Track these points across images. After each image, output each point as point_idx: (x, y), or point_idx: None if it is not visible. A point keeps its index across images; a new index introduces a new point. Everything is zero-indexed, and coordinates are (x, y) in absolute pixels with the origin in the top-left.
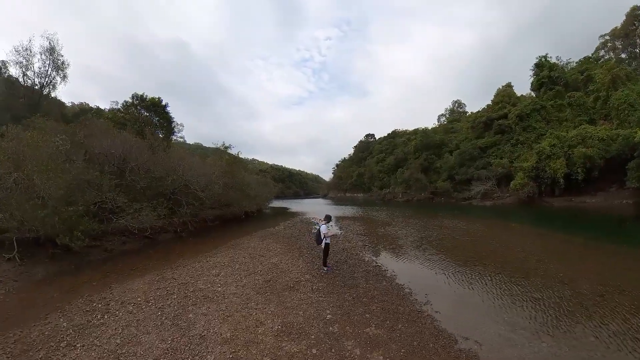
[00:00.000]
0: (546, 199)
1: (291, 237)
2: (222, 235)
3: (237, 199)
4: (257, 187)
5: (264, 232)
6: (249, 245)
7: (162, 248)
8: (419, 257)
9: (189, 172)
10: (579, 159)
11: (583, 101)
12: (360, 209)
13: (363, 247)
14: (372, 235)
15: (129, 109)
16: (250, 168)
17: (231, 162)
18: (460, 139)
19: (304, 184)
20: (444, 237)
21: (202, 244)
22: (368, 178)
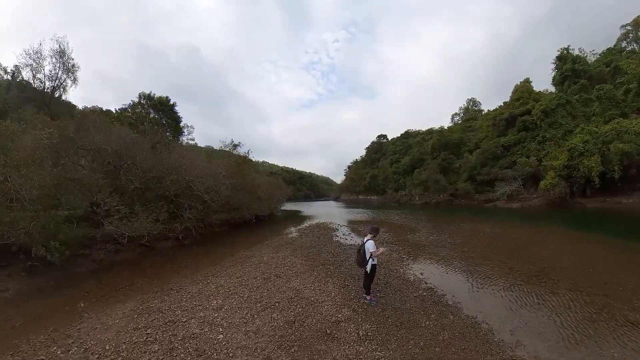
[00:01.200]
0: (578, 199)
1: (310, 247)
2: (230, 243)
3: (247, 202)
4: (268, 189)
5: (278, 240)
6: (260, 258)
7: (158, 259)
8: (471, 272)
9: (192, 172)
10: (615, 156)
11: (613, 94)
12: (377, 213)
13: (400, 260)
14: (403, 243)
15: (135, 108)
16: (261, 170)
17: (240, 162)
18: (480, 138)
19: (315, 186)
20: (486, 245)
21: (205, 255)
22: (382, 180)
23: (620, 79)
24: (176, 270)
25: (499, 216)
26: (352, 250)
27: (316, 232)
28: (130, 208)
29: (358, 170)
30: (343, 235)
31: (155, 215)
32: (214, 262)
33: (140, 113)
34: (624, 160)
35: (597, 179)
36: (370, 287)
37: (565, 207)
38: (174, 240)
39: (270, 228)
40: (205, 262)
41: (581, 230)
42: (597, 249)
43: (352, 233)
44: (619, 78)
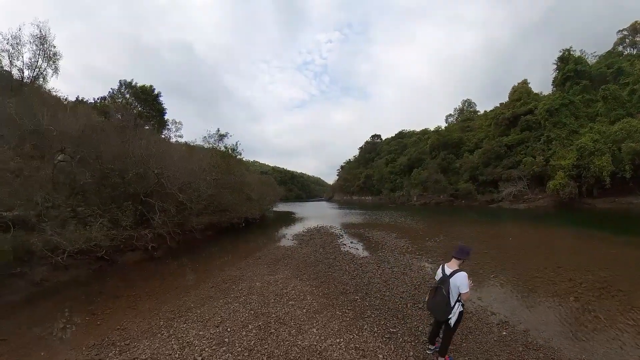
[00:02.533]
0: (586, 200)
1: (317, 262)
2: (212, 256)
3: (235, 203)
4: (260, 188)
5: (273, 250)
6: (252, 284)
7: (114, 281)
8: (532, 290)
9: (165, 164)
10: (627, 155)
11: (618, 94)
12: (377, 214)
13: None
14: (429, 253)
15: (116, 97)
16: (252, 170)
17: (227, 155)
18: (480, 137)
19: (307, 186)
20: (521, 255)
21: (176, 275)
22: (377, 180)
23: (624, 80)
24: (133, 302)
25: (511, 218)
26: (372, 267)
27: (318, 240)
28: (73, 211)
29: (352, 170)
30: (351, 244)
31: (112, 219)
32: (186, 290)
33: (120, 103)
34: (635, 160)
35: (608, 179)
36: (449, 346)
37: (573, 208)
38: (143, 252)
39: (262, 233)
40: (175, 288)
41: (611, 232)
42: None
43: (362, 241)
44: (622, 79)
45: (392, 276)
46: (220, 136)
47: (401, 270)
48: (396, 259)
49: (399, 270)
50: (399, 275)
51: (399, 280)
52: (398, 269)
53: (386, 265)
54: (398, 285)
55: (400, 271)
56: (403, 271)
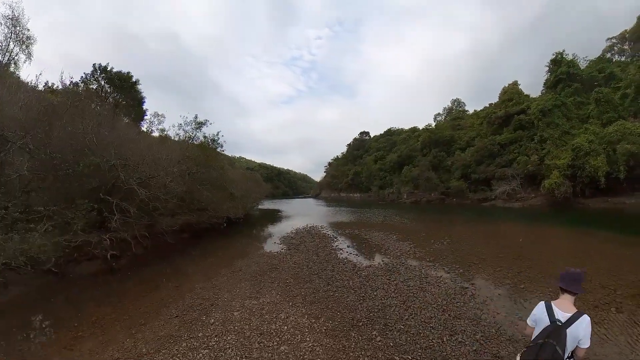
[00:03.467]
0: (580, 200)
1: (312, 275)
2: (183, 267)
3: (215, 201)
4: (244, 184)
5: (258, 257)
6: (228, 312)
7: (59, 305)
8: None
9: (124, 153)
10: (622, 156)
11: (611, 97)
12: (368, 212)
13: (482, 302)
14: (437, 258)
15: (89, 83)
16: (238, 166)
17: (204, 147)
18: (472, 136)
19: (293, 183)
20: (540, 258)
21: (135, 294)
22: (366, 177)
23: (617, 84)
24: (73, 340)
25: (509, 217)
26: (381, 280)
27: (310, 243)
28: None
29: (339, 167)
30: (349, 248)
31: (64, 222)
32: (142, 319)
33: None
34: (629, 161)
35: (603, 179)
36: None
37: (567, 207)
38: (103, 261)
39: (246, 235)
40: (129, 317)
41: (617, 232)
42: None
43: (360, 245)
44: (613, 84)
45: (409, 293)
46: (199, 124)
47: (417, 283)
48: (407, 267)
49: (415, 284)
50: (417, 292)
51: (419, 299)
52: (413, 282)
53: (397, 278)
54: (421, 308)
55: (417, 285)
56: (420, 285)
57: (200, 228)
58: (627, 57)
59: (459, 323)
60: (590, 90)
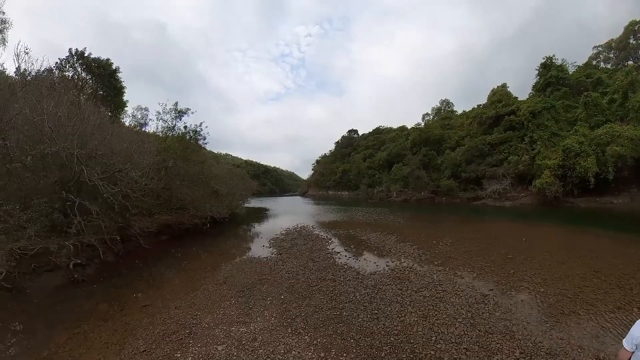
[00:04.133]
0: (569, 199)
1: (311, 288)
2: (157, 279)
3: (197, 199)
4: (230, 181)
5: (245, 264)
6: (210, 347)
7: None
8: (595, 307)
9: (91, 142)
10: (611, 158)
11: (599, 102)
12: (360, 211)
13: (508, 311)
14: (446, 261)
15: (63, 70)
16: (223, 163)
17: (182, 139)
18: (461, 135)
19: (280, 181)
20: (550, 259)
21: (96, 317)
22: (355, 175)
23: (605, 90)
24: None
25: (504, 215)
26: (392, 291)
27: (302, 246)
28: None
29: (327, 164)
30: (346, 251)
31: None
32: (98, 355)
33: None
34: (618, 163)
35: (592, 179)
36: None
37: (558, 206)
38: (66, 272)
39: (231, 237)
40: (87, 346)
41: (616, 230)
42: None
43: (358, 247)
44: (601, 89)
45: (428, 306)
46: (179, 113)
47: (433, 293)
48: (416, 273)
49: (431, 293)
50: (436, 304)
51: (441, 312)
52: (428, 291)
53: (410, 287)
54: (447, 324)
55: (433, 295)
56: (437, 295)
57: (181, 229)
58: (612, 65)
59: (493, 340)
60: (578, 95)
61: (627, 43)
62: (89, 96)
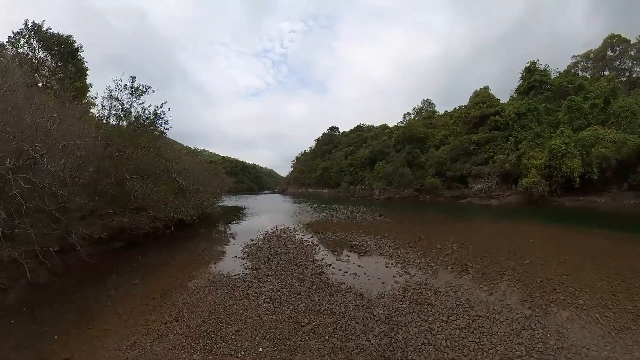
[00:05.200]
0: (554, 198)
1: (300, 324)
2: (95, 308)
3: (156, 198)
4: (201, 177)
5: (209, 286)
6: None
7: None
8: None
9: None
10: (595, 159)
11: (581, 106)
12: (344, 210)
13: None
14: (465, 271)
15: (16, 45)
16: (201, 159)
17: (132, 122)
18: (445, 134)
19: (259, 178)
20: (563, 261)
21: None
22: (335, 172)
23: (586, 95)
24: None
25: (497, 215)
26: (416, 327)
27: (284, 256)
28: None
29: (308, 161)
30: (339, 262)
31: None
32: None
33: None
34: (602, 164)
35: (578, 179)
36: None
37: (543, 205)
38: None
39: (197, 244)
40: None
41: (610, 229)
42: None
43: (352, 254)
44: (582, 94)
45: (473, 345)
46: (138, 91)
47: (468, 322)
48: (435, 292)
49: (465, 322)
50: (480, 339)
51: (492, 352)
52: (461, 319)
53: (434, 314)
54: None
55: (470, 325)
56: (474, 324)
57: (138, 234)
58: (590, 74)
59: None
60: (560, 99)
61: (605, 54)
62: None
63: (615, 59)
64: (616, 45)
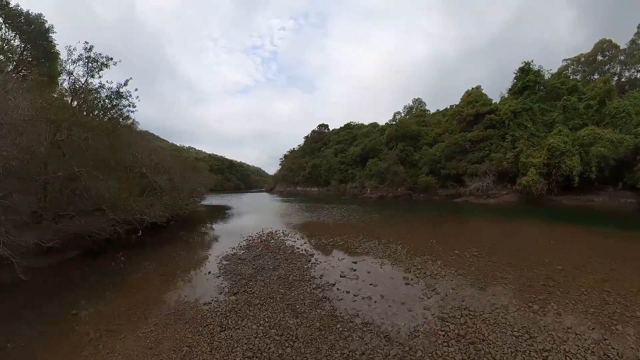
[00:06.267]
0: (551, 197)
1: None
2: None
3: (113, 196)
4: (178, 172)
5: (159, 330)
6: None
7: None
8: None
9: None
10: (594, 158)
11: (577, 106)
12: (336, 210)
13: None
14: (487, 280)
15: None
16: (186, 156)
17: (87, 102)
18: (439, 132)
19: (246, 176)
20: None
21: None
22: (325, 170)
23: (580, 96)
24: None
25: (496, 214)
26: None
27: (272, 272)
28: None
29: (296, 159)
30: (345, 280)
31: None
32: None
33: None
34: (601, 163)
35: (577, 178)
36: None
37: (542, 204)
38: None
39: (165, 253)
40: None
41: (616, 228)
42: None
43: (360, 270)
44: (576, 95)
45: None
46: (95, 64)
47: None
48: (483, 320)
49: None
50: None
51: None
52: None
53: (495, 354)
54: None
55: None
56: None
57: (98, 240)
58: (581, 77)
59: None
60: (553, 100)
61: (595, 58)
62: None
63: (605, 63)
64: (606, 50)
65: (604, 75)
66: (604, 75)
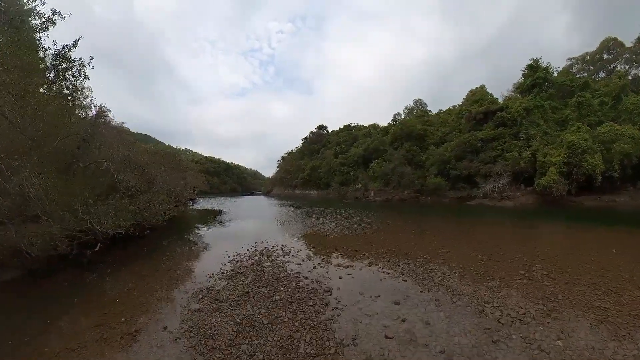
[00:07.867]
0: (571, 198)
1: None
2: None
3: (59, 198)
4: (155, 170)
5: None
6: None
7: None
8: None
9: None
10: (617, 156)
11: (592, 102)
12: (339, 215)
13: None
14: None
15: None
16: (184, 159)
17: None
18: (445, 131)
19: (242, 179)
20: None
21: None
22: (325, 172)
23: (593, 93)
24: None
25: (523, 217)
26: None
27: (267, 335)
28: None
29: (294, 161)
30: (394, 348)
31: None
32: None
33: None
34: (623, 161)
35: (599, 177)
36: None
37: (562, 205)
38: None
39: (123, 281)
40: None
41: None
42: None
43: (402, 314)
44: (588, 92)
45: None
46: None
47: None
48: None
49: None
50: None
51: None
52: None
53: None
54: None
55: None
56: None
57: (43, 257)
58: (586, 76)
59: None
60: (563, 97)
61: (601, 57)
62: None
63: (611, 61)
64: (612, 48)
65: (610, 73)
66: (620, 70)
